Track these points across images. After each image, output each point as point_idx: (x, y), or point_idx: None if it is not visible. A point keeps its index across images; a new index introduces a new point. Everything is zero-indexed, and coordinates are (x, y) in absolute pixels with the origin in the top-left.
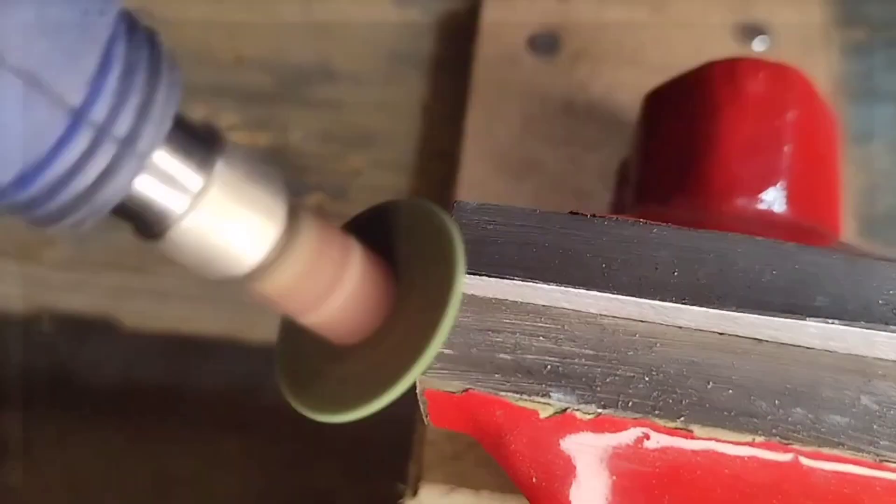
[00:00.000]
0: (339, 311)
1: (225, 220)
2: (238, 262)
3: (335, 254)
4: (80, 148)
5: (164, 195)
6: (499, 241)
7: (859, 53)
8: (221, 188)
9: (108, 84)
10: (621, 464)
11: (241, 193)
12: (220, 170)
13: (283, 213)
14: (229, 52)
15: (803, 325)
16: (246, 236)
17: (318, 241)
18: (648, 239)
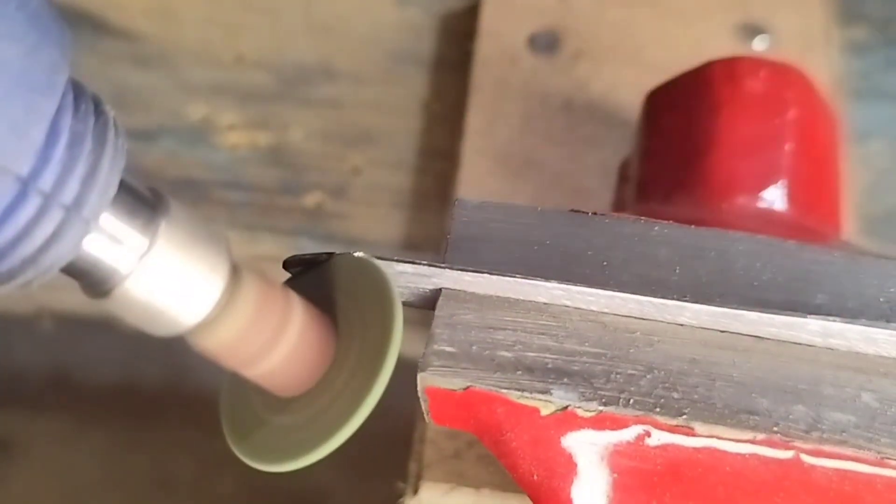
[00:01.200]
0: (280, 365)
1: (169, 278)
2: (182, 318)
3: (276, 310)
4: (27, 215)
5: (111, 255)
6: (500, 238)
7: (860, 52)
8: (165, 248)
9: (55, 154)
10: (622, 461)
11: (185, 253)
12: (164, 230)
13: (225, 270)
14: (230, 52)
15: (804, 323)
16: (189, 294)
17: (260, 297)
18: (649, 237)
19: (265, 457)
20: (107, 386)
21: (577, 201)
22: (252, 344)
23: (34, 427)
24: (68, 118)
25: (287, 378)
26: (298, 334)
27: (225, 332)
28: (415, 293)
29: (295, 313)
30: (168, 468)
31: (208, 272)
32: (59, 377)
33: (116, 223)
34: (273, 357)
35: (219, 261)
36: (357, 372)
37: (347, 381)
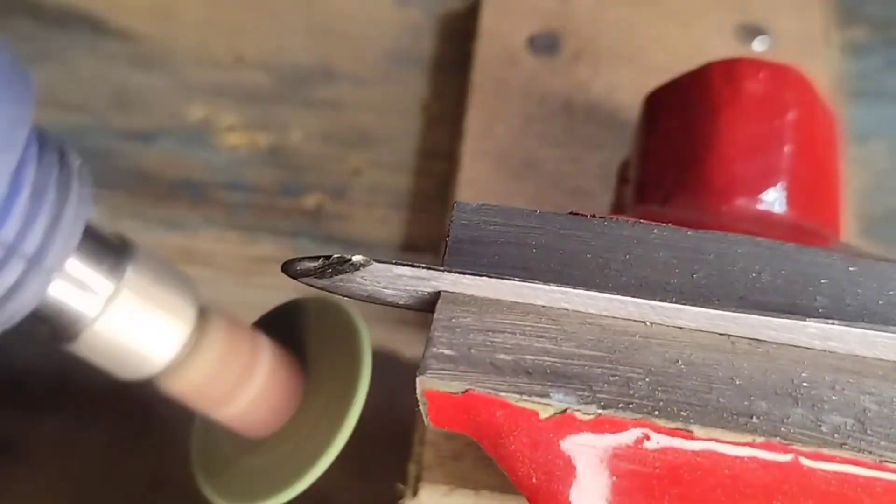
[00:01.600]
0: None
1: (136, 322)
2: (149, 361)
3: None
4: None
5: (77, 300)
6: (498, 241)
7: (859, 53)
8: (132, 292)
9: (17, 206)
10: (622, 464)
11: (151, 296)
12: (130, 275)
13: (192, 314)
14: (229, 52)
15: (803, 326)
16: (156, 337)
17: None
18: (648, 239)
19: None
20: (107, 386)
21: (577, 202)
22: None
23: (34, 428)
24: (31, 170)
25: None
26: (266, 376)
27: (192, 375)
28: (413, 296)
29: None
30: (167, 468)
31: (175, 315)
32: (60, 378)
33: (82, 269)
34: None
35: (185, 304)
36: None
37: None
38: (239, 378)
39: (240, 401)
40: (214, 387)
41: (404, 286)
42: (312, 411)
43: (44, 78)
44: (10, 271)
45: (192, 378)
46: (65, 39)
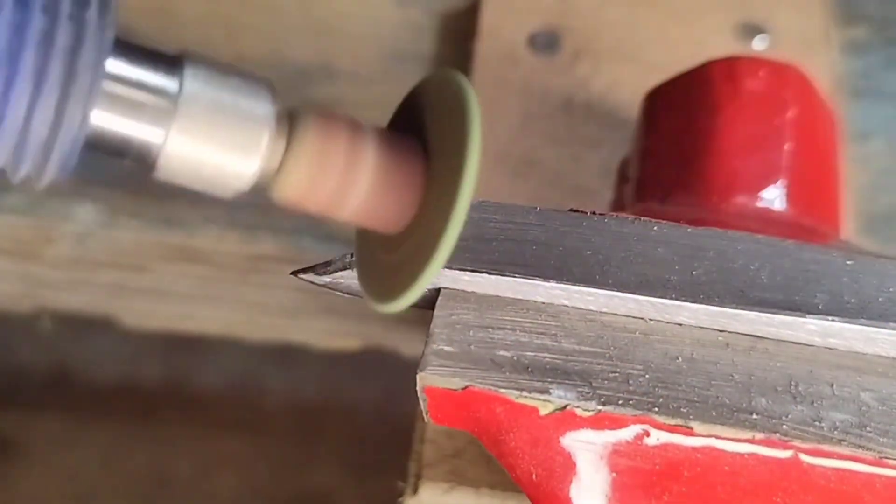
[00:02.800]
0: (365, 204)
1: (207, 137)
2: (237, 174)
3: (342, 146)
4: None
5: (137, 127)
6: (498, 238)
7: (859, 52)
8: (194, 107)
9: None
10: (622, 461)
11: (219, 105)
12: (189, 88)
13: (270, 115)
14: (229, 51)
15: (803, 323)
16: (235, 147)
17: (320, 137)
18: (648, 236)
19: (378, 297)
20: (107, 386)
21: (577, 201)
22: (326, 185)
23: (34, 427)
24: None
25: (380, 214)
26: (375, 167)
27: (292, 180)
28: None
29: (367, 148)
30: (168, 468)
31: (250, 121)
32: (60, 377)
33: (129, 83)
34: (354, 196)
35: (259, 107)
36: (441, 201)
37: (434, 211)
38: (344, 175)
39: (353, 199)
40: (320, 188)
41: None
42: (432, 198)
43: None
44: None
45: (293, 183)
46: None
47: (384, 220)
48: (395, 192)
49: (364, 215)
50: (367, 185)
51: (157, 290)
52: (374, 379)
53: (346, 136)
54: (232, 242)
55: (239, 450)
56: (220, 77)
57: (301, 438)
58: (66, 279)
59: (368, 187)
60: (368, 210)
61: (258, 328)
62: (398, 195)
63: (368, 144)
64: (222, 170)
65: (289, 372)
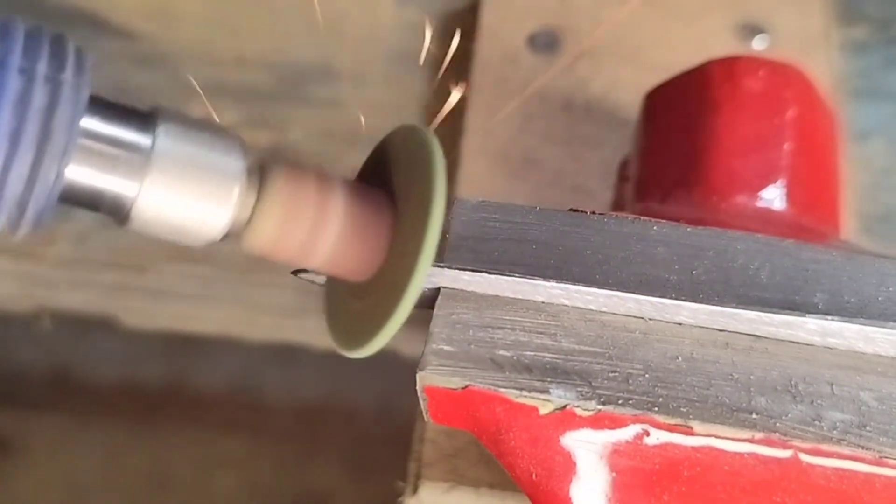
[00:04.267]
0: (334, 252)
1: (179, 188)
2: (209, 226)
3: (311, 198)
4: None
5: (110, 178)
6: (498, 238)
7: (859, 52)
8: (167, 158)
9: None
10: (621, 460)
11: (190, 159)
12: (162, 143)
13: (240, 168)
14: (229, 51)
15: (802, 322)
16: (206, 199)
17: (290, 189)
18: (648, 236)
19: (345, 344)
20: (107, 386)
21: (577, 200)
22: (295, 236)
23: (34, 427)
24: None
25: (348, 263)
26: (342, 218)
27: (262, 230)
28: None
29: (335, 196)
30: (168, 468)
31: (221, 174)
32: (59, 377)
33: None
34: (322, 245)
35: (231, 159)
36: (408, 248)
37: (401, 258)
38: (313, 225)
39: (322, 248)
40: (289, 238)
41: None
42: (399, 248)
43: None
44: None
45: (263, 233)
46: None
47: (352, 268)
48: (362, 242)
49: (333, 264)
50: (335, 236)
51: (157, 290)
52: (374, 379)
53: (315, 188)
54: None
55: (239, 450)
56: (193, 132)
57: (301, 438)
58: (66, 279)
59: (336, 237)
60: (337, 259)
61: (258, 328)
62: (366, 245)
63: (337, 195)
64: (194, 222)
65: (289, 372)
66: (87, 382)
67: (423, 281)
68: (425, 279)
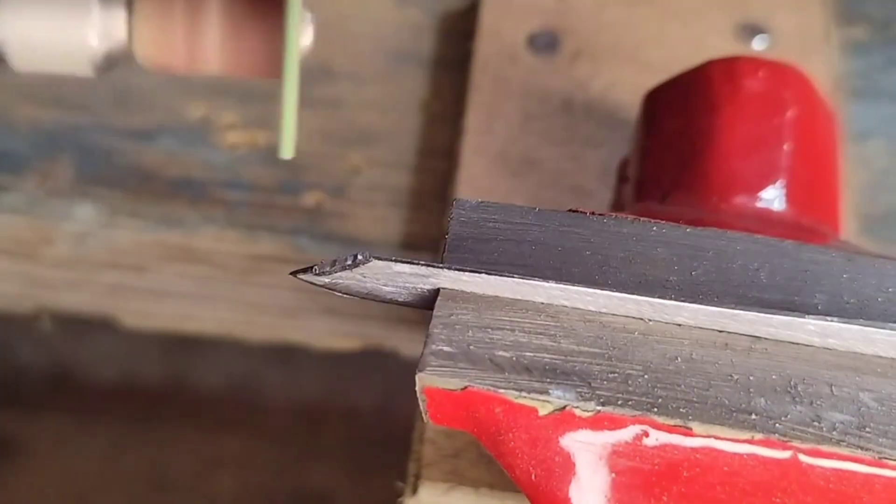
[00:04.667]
0: (223, 49)
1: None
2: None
3: (179, 4)
4: None
5: None
6: (497, 238)
7: (859, 52)
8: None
9: None
10: (621, 461)
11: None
12: None
13: None
14: None
15: (802, 323)
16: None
17: None
18: (647, 236)
19: None
20: (107, 386)
21: (576, 201)
22: (175, 41)
23: (34, 427)
24: None
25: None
26: (220, 13)
27: (140, 42)
28: (413, 293)
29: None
30: (168, 468)
31: None
32: (59, 377)
33: None
34: (207, 43)
35: None
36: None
37: None
38: (188, 26)
39: (209, 48)
40: (171, 45)
41: (403, 283)
42: None
43: (44, 76)
44: None
45: (142, 47)
46: None
47: (251, 64)
48: (249, 33)
49: (230, 63)
50: (218, 29)
51: (156, 290)
52: (373, 379)
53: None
54: (231, 242)
55: (239, 450)
56: None
57: (301, 438)
58: (66, 279)
59: (220, 31)
60: (231, 56)
61: (258, 328)
62: (254, 35)
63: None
64: (64, 44)
65: (289, 372)
66: (87, 382)
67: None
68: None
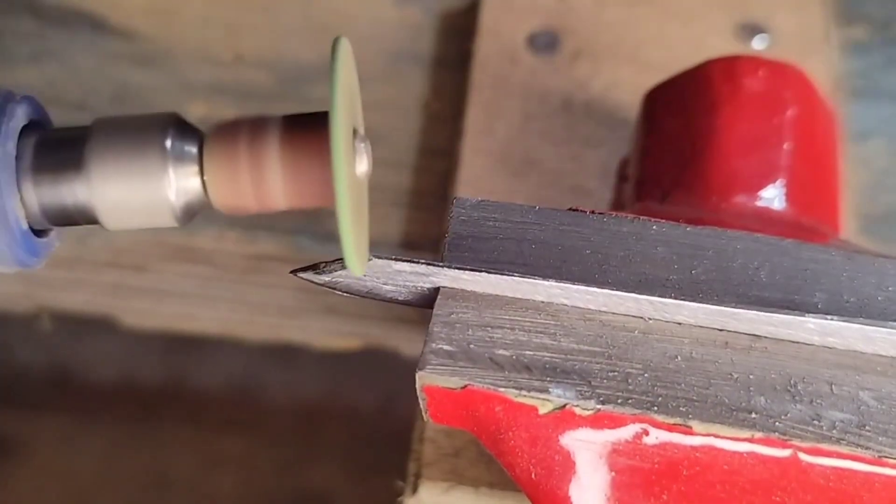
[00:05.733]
0: (286, 189)
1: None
2: (162, 203)
3: (243, 150)
4: None
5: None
6: (498, 237)
7: (859, 51)
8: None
9: None
10: (621, 460)
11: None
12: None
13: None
14: (229, 50)
15: (802, 322)
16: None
17: (222, 149)
18: (647, 235)
19: None
20: (107, 386)
21: (576, 200)
22: (243, 189)
23: (34, 427)
24: None
25: (308, 192)
26: (279, 156)
27: (215, 192)
28: (413, 292)
29: (267, 139)
30: (168, 468)
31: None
32: (59, 377)
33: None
34: (272, 183)
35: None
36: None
37: None
38: (252, 174)
39: (273, 190)
40: (241, 193)
41: (404, 282)
42: None
43: (44, 76)
44: None
45: (218, 195)
46: (65, 38)
47: (315, 196)
48: (307, 170)
49: (295, 199)
50: (279, 175)
51: (157, 290)
52: (374, 379)
53: (247, 139)
54: (232, 242)
55: (239, 450)
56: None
57: (301, 438)
58: (66, 279)
59: (280, 177)
60: (295, 194)
61: (258, 328)
62: (311, 172)
63: (269, 138)
64: (148, 204)
65: (289, 372)
66: (87, 382)
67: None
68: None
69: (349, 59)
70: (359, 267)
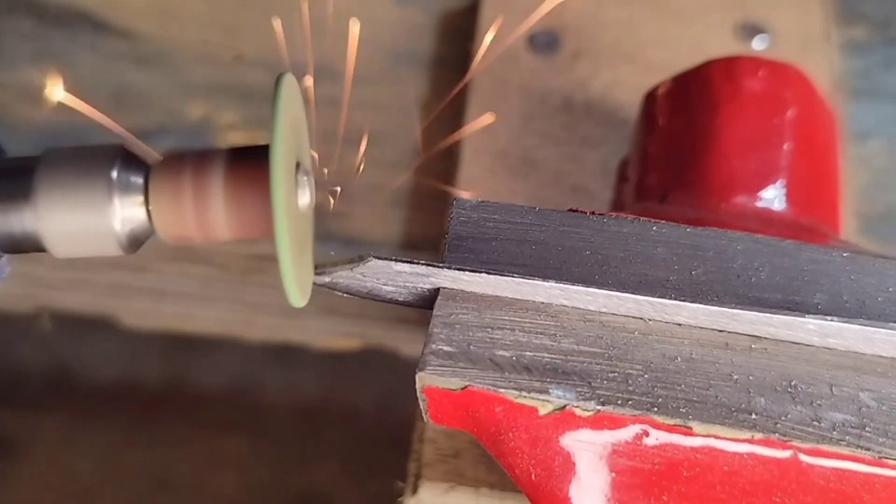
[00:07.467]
0: (229, 221)
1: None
2: (107, 232)
3: (187, 182)
4: None
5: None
6: (498, 238)
7: (858, 52)
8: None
9: None
10: (621, 461)
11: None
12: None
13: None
14: (229, 51)
15: (802, 323)
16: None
17: (167, 181)
18: (647, 236)
19: None
20: (107, 386)
21: (576, 200)
22: (187, 220)
23: (34, 426)
24: None
25: (251, 223)
26: (222, 188)
27: (158, 223)
28: (413, 293)
29: (211, 172)
30: (168, 467)
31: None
32: (59, 377)
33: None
34: (215, 215)
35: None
36: None
37: None
38: (196, 206)
39: (217, 221)
40: (185, 224)
41: (404, 283)
42: None
43: (44, 76)
44: None
45: (161, 227)
46: (66, 38)
47: (256, 228)
48: (248, 203)
49: (237, 230)
50: (222, 207)
51: (157, 290)
52: (374, 379)
53: (191, 171)
54: (232, 242)
55: (239, 450)
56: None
57: (301, 438)
58: (66, 279)
59: (223, 209)
60: (237, 224)
61: (258, 328)
62: (253, 204)
63: (213, 170)
64: (94, 233)
65: (288, 372)
66: (87, 382)
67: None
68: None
69: (294, 93)
70: (299, 297)
